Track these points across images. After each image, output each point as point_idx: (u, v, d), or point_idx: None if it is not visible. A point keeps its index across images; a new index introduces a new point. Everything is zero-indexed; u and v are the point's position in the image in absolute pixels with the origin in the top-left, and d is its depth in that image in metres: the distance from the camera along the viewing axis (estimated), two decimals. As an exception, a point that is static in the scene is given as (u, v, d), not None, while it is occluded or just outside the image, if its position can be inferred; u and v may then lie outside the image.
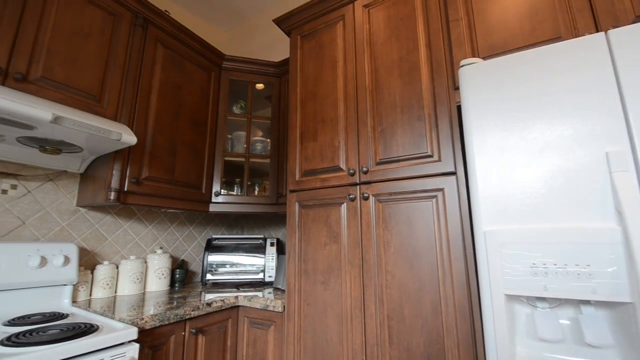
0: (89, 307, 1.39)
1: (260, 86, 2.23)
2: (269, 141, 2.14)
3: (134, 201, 1.54)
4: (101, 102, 1.45)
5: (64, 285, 1.43)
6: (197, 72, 1.97)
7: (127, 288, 1.70)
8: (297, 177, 1.57)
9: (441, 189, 1.17)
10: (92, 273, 1.62)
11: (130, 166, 1.53)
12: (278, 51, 2.66)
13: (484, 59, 1.17)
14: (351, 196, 1.36)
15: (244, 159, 2.08)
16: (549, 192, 0.77)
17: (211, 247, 2.01)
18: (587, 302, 0.74)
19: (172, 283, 1.97)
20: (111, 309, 1.36)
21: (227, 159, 2.06)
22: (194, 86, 1.94)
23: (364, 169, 1.35)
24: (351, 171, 1.38)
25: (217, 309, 1.50)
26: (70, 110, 1.20)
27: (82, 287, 1.54)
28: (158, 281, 1.84)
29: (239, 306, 1.63)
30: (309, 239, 1.46)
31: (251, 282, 1.98)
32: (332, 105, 1.52)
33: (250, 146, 2.11)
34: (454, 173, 1.16)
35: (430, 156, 1.22)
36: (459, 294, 1.07)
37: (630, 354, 0.66)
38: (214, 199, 1.96)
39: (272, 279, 1.95)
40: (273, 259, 1.99)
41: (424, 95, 1.28)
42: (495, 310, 0.77)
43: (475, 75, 0.92)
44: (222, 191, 2.00)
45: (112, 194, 1.45)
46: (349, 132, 1.44)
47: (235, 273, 1.97)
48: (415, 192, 1.22)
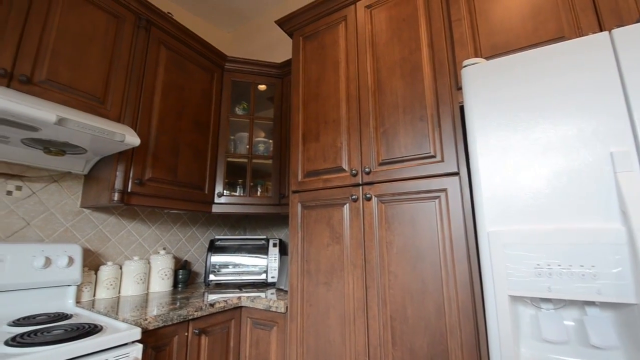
0: (93, 308, 1.40)
1: (262, 87, 2.24)
2: (272, 142, 2.14)
3: (137, 202, 1.54)
4: (105, 103, 1.46)
5: (68, 285, 1.44)
6: (200, 74, 1.97)
7: (130, 289, 1.71)
8: (299, 177, 1.57)
9: (444, 190, 1.17)
10: (96, 274, 1.63)
11: (133, 167, 1.54)
12: (280, 52, 2.66)
13: (486, 59, 1.17)
14: (354, 197, 1.36)
15: (246, 160, 2.08)
16: (553, 193, 0.77)
17: (214, 247, 2.02)
18: (591, 303, 0.73)
19: (175, 284, 1.97)
20: (115, 309, 1.37)
21: (229, 159, 2.07)
22: (197, 87, 1.94)
23: (366, 169, 1.35)
24: (354, 172, 1.38)
25: (220, 310, 1.50)
26: (74, 112, 1.21)
27: (86, 288, 1.55)
28: (161, 282, 1.85)
29: (241, 307, 1.63)
30: (312, 239, 1.46)
31: (254, 282, 1.98)
32: (334, 106, 1.52)
33: (252, 147, 2.11)
34: (457, 173, 1.16)
35: (433, 156, 1.22)
36: (462, 294, 1.07)
37: (635, 355, 0.65)
38: (216, 199, 1.97)
39: (275, 279, 1.95)
40: (276, 259, 2.00)
41: (427, 95, 1.28)
42: (499, 312, 0.77)
43: (478, 75, 0.91)
44: (225, 192, 2.01)
45: (116, 195, 1.45)
46: (352, 132, 1.44)
47: (238, 274, 1.97)
48: (418, 192, 1.22)
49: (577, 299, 0.70)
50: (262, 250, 2.04)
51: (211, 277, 1.94)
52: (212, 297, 1.60)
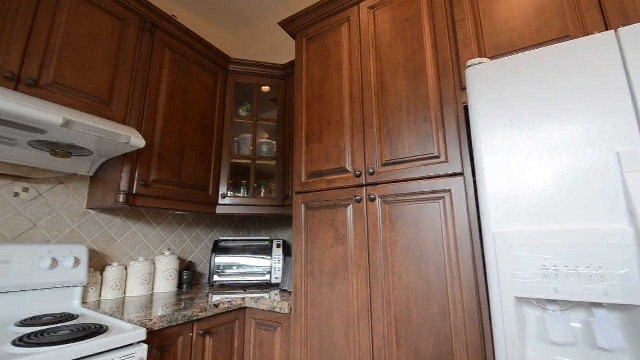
0: (99, 308, 1.41)
1: (266, 89, 2.25)
2: (275, 143, 2.15)
3: (142, 203, 1.55)
4: (110, 106, 1.47)
5: (75, 286, 1.46)
6: (204, 76, 1.99)
7: (135, 289, 1.72)
8: (303, 179, 1.58)
9: (448, 190, 1.16)
10: (101, 274, 1.64)
11: (139, 169, 1.55)
12: (284, 54, 2.67)
13: (491, 59, 1.16)
14: (357, 198, 1.36)
15: (250, 161, 2.09)
16: (559, 193, 0.76)
17: (218, 248, 2.02)
18: (599, 304, 0.72)
19: (179, 284, 1.98)
20: (120, 310, 1.38)
21: (233, 161, 2.08)
22: (201, 89, 1.96)
23: (370, 170, 1.35)
24: (357, 173, 1.38)
25: (225, 311, 1.51)
26: (80, 115, 1.22)
27: (92, 289, 1.56)
28: (166, 283, 1.86)
29: (245, 308, 1.64)
30: (315, 240, 1.46)
31: (258, 283, 1.99)
32: (337, 107, 1.53)
33: (256, 148, 2.12)
34: (461, 174, 1.16)
35: (437, 157, 1.21)
36: (467, 296, 1.06)
37: (644, 358, 0.65)
38: (220, 201, 1.98)
39: (279, 280, 1.95)
40: (279, 260, 2.00)
41: (430, 96, 1.27)
42: (505, 313, 0.76)
43: (482, 75, 0.91)
44: (229, 193, 2.01)
45: (121, 196, 1.46)
46: (355, 133, 1.44)
47: (242, 275, 1.97)
48: (422, 193, 1.21)
49: (584, 300, 0.69)
50: (266, 251, 2.04)
51: (215, 278, 1.94)
52: (216, 298, 1.61)
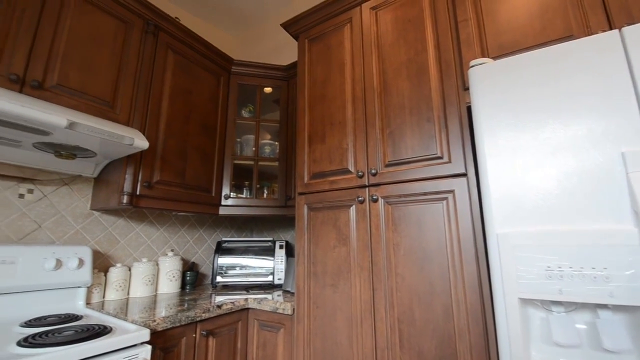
0: (103, 309, 1.42)
1: (268, 90, 2.25)
2: (278, 144, 2.15)
3: (146, 204, 1.56)
4: (114, 107, 1.48)
5: (78, 287, 1.46)
6: (207, 77, 1.99)
7: (139, 290, 1.73)
8: (305, 179, 1.58)
9: (452, 191, 1.16)
10: (105, 275, 1.65)
11: (142, 170, 1.56)
12: (286, 55, 2.68)
13: (494, 59, 1.16)
14: (360, 198, 1.36)
15: (252, 162, 2.09)
16: (563, 193, 0.76)
17: (221, 249, 2.03)
18: (604, 306, 0.72)
19: (183, 285, 1.99)
20: (124, 310, 1.39)
21: (236, 162, 2.08)
22: (204, 91, 1.96)
23: (372, 171, 1.34)
24: (360, 173, 1.38)
25: (228, 312, 1.51)
26: (85, 116, 1.23)
27: (96, 289, 1.57)
28: (169, 283, 1.87)
29: (248, 309, 1.64)
30: (318, 241, 1.46)
31: (260, 284, 1.99)
32: (340, 108, 1.53)
33: (258, 149, 2.12)
34: (464, 174, 1.15)
35: (440, 157, 1.21)
36: (471, 297, 1.06)
37: (650, 360, 0.64)
38: (223, 202, 1.98)
39: (282, 281, 1.95)
40: (282, 261, 2.00)
41: (433, 96, 1.27)
42: (509, 314, 0.76)
43: (485, 75, 0.91)
44: (232, 194, 2.02)
45: (125, 197, 1.47)
46: (357, 134, 1.44)
47: (244, 275, 1.98)
48: (425, 194, 1.21)
49: (588, 301, 0.69)
50: (268, 252, 2.04)
51: (218, 278, 1.95)
52: (219, 299, 1.61)
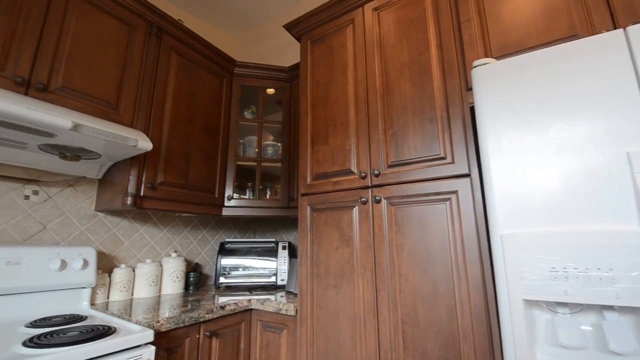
0: (107, 310, 1.42)
1: (271, 91, 2.26)
2: (280, 145, 2.16)
3: (149, 206, 1.57)
4: (118, 109, 1.49)
5: (83, 288, 1.47)
6: (210, 79, 2.00)
7: (143, 291, 1.73)
8: (308, 180, 1.58)
9: (455, 192, 1.15)
10: (109, 276, 1.66)
11: (146, 171, 1.56)
12: (288, 56, 2.68)
13: (497, 59, 1.15)
14: (363, 199, 1.36)
15: (255, 163, 2.10)
16: (568, 194, 0.75)
17: (224, 250, 2.03)
18: (610, 307, 0.71)
19: (186, 286, 2.00)
20: (128, 311, 1.39)
21: (239, 163, 2.09)
22: (207, 92, 1.97)
23: (375, 171, 1.34)
24: (363, 174, 1.38)
25: (231, 312, 1.51)
26: (89, 118, 1.24)
27: (100, 290, 1.58)
28: (173, 284, 1.87)
29: (251, 309, 1.64)
30: (321, 242, 1.46)
31: (264, 285, 1.99)
32: (342, 109, 1.53)
33: (261, 150, 2.13)
34: (468, 175, 1.15)
35: (444, 158, 1.21)
36: (475, 298, 1.05)
37: (657, 362, 0.63)
38: (226, 203, 1.99)
39: (284, 282, 1.95)
40: (285, 262, 2.00)
41: (436, 96, 1.27)
42: (513, 316, 0.75)
43: (488, 75, 0.90)
44: (235, 195, 2.02)
45: (129, 198, 1.48)
46: (360, 135, 1.44)
47: (247, 276, 1.98)
48: (428, 194, 1.21)
49: (594, 303, 0.68)
50: (271, 252, 2.04)
51: (221, 279, 1.95)
52: (222, 300, 1.61)
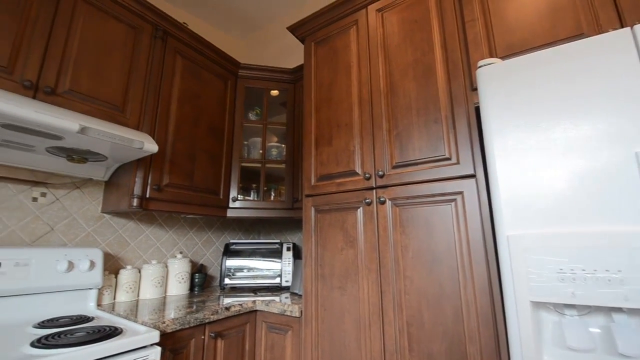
0: (113, 311, 1.43)
1: (275, 93, 2.26)
2: (284, 146, 2.16)
3: (155, 207, 1.58)
4: (124, 112, 1.51)
5: (90, 289, 1.48)
6: (215, 81, 2.02)
7: (148, 292, 1.75)
8: (312, 181, 1.58)
9: (460, 192, 1.15)
10: (115, 277, 1.67)
11: (152, 173, 1.58)
12: (292, 57, 2.69)
13: (502, 58, 1.15)
14: (367, 200, 1.35)
15: (260, 165, 2.11)
16: (574, 194, 0.74)
17: (229, 251, 2.04)
18: (619, 309, 0.70)
19: (191, 287, 2.00)
20: (134, 312, 1.40)
21: (243, 164, 2.10)
22: (212, 94, 1.98)
23: (380, 172, 1.34)
24: (367, 175, 1.37)
25: (236, 314, 1.52)
26: (96, 121, 1.25)
27: (107, 291, 1.59)
28: (178, 285, 1.88)
29: (256, 311, 1.64)
30: (325, 243, 1.46)
31: (268, 286, 1.99)
32: (346, 110, 1.53)
33: (265, 152, 2.13)
34: (473, 176, 1.14)
35: (449, 159, 1.20)
36: (481, 299, 1.04)
37: (668, 365, 0.62)
38: (231, 204, 1.99)
39: (289, 283, 1.95)
40: (289, 263, 2.00)
41: (440, 97, 1.26)
42: (520, 318, 0.75)
43: (494, 75, 0.90)
44: (239, 196, 2.03)
45: (135, 200, 1.49)
46: (364, 136, 1.44)
47: (252, 277, 1.98)
48: (433, 195, 1.20)
49: (602, 305, 0.67)
50: (276, 254, 2.05)
51: (226, 280, 1.96)
52: (227, 301, 1.62)
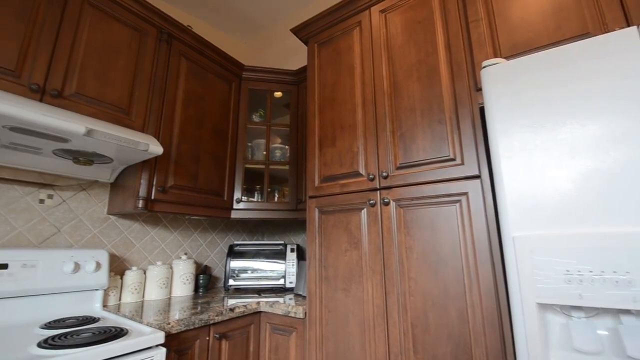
0: (119, 312, 1.44)
1: (278, 94, 2.27)
2: (288, 148, 2.17)
3: (160, 209, 1.59)
4: (130, 114, 1.52)
5: (96, 290, 1.50)
6: (219, 83, 2.03)
7: (154, 293, 1.75)
8: (316, 183, 1.58)
9: (465, 193, 1.14)
10: (121, 278, 1.68)
11: (157, 175, 1.59)
12: (295, 59, 2.70)
13: (506, 58, 1.14)
14: (371, 201, 1.35)
15: (263, 166, 2.11)
16: (582, 195, 0.74)
17: (233, 253, 2.05)
18: (627, 311, 0.69)
19: (196, 288, 2.01)
20: (139, 313, 1.41)
21: (247, 166, 2.10)
22: (216, 96, 2.00)
23: (383, 173, 1.34)
24: (371, 176, 1.37)
25: (240, 315, 1.52)
26: (102, 124, 1.26)
27: (112, 292, 1.61)
28: (183, 286, 1.89)
29: (260, 312, 1.64)
30: (329, 245, 1.46)
31: (272, 288, 1.99)
32: (350, 111, 1.53)
33: (269, 153, 2.14)
34: (478, 176, 1.13)
35: (453, 159, 1.19)
36: (486, 301, 1.04)
37: (678, 368, 0.61)
38: (235, 205, 2.00)
39: (293, 285, 1.95)
40: (293, 265, 2.00)
41: (444, 97, 1.26)
42: (526, 320, 0.74)
43: (498, 75, 0.89)
44: (243, 198, 2.04)
45: (140, 202, 1.50)
46: (368, 137, 1.43)
47: (256, 279, 1.99)
48: (437, 196, 1.20)
49: (610, 307, 0.67)
50: (280, 255, 2.05)
51: (230, 282, 1.96)
52: (231, 302, 1.62)
